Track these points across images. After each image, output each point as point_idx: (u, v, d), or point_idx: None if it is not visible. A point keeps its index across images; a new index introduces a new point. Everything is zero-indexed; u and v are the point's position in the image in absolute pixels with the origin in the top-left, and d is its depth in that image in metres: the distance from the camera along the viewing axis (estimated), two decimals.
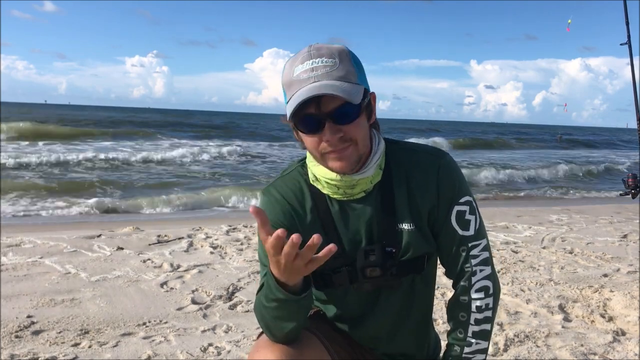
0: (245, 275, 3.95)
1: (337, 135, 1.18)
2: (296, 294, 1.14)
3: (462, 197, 1.31)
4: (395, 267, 1.30)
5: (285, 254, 1.01)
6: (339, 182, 1.27)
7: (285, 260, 1.03)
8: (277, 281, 1.12)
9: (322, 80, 1.16)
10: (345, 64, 1.19)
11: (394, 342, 1.42)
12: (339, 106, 1.16)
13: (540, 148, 31.43)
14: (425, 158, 1.32)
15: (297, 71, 1.19)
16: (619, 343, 2.85)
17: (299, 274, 1.08)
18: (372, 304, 1.37)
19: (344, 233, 1.32)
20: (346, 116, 1.18)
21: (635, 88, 3.07)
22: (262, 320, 1.25)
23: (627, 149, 31.72)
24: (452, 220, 1.30)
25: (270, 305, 1.18)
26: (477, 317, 1.30)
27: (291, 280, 1.11)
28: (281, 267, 1.06)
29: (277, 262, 1.05)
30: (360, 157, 1.24)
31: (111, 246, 4.76)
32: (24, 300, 3.29)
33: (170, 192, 9.40)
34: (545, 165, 16.93)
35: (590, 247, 5.30)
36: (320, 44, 1.21)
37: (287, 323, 1.20)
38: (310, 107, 1.17)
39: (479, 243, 1.31)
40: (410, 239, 1.29)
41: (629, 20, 3.12)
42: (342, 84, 1.16)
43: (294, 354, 1.22)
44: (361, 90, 1.19)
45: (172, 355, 2.61)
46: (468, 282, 1.30)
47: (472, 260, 1.30)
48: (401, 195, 1.30)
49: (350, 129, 1.19)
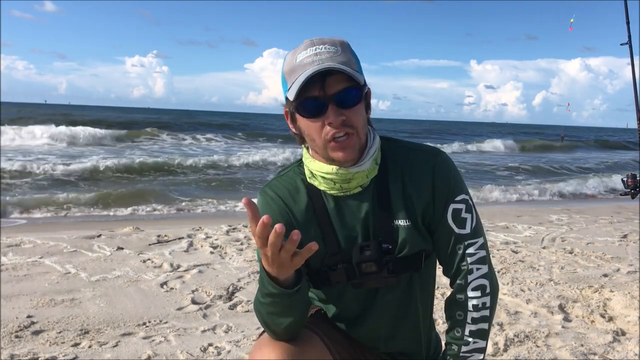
0: (245, 275, 3.95)
1: (339, 118, 1.20)
2: (288, 288, 1.15)
3: (457, 195, 1.31)
4: (392, 264, 1.31)
5: (271, 244, 1.02)
6: (335, 176, 1.28)
7: (271, 251, 1.04)
8: (268, 275, 1.14)
9: (327, 63, 1.18)
10: (347, 53, 1.23)
11: (393, 341, 1.42)
12: (343, 89, 1.19)
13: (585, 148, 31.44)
14: (420, 156, 1.33)
15: (300, 57, 1.21)
16: (619, 343, 2.85)
17: (286, 268, 1.09)
18: (370, 303, 1.37)
19: (340, 230, 1.32)
20: (350, 99, 1.20)
21: (635, 88, 3.07)
22: (260, 316, 1.26)
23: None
24: (448, 218, 1.30)
25: (265, 301, 1.20)
26: (474, 316, 1.30)
27: (281, 274, 1.12)
28: (269, 259, 1.07)
29: (265, 255, 1.07)
30: (361, 146, 1.26)
31: (111, 246, 4.76)
32: (24, 300, 3.29)
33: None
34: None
35: (590, 247, 5.31)
36: (315, 39, 1.24)
37: (282, 319, 1.20)
38: (314, 90, 1.18)
39: (476, 241, 1.31)
40: (406, 235, 1.30)
41: (629, 20, 3.12)
42: (346, 67, 1.19)
43: (295, 353, 1.23)
44: (362, 77, 1.22)
45: (172, 355, 2.61)
46: (464, 280, 1.30)
47: (468, 259, 1.30)
48: (397, 192, 1.30)
49: (352, 114, 1.21)
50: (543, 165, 17.44)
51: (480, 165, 16.86)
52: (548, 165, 17.67)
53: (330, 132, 1.21)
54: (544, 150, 27.39)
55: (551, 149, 28.62)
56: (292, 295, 1.16)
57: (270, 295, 1.17)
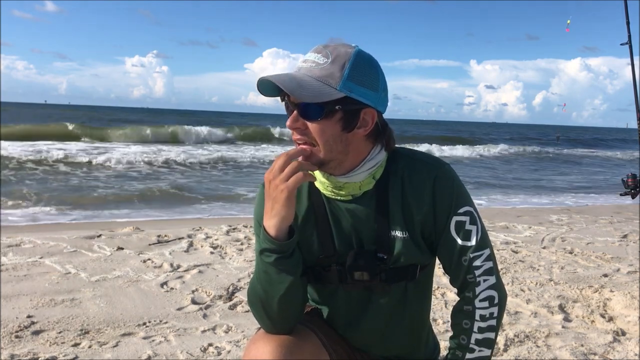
0: (245, 275, 3.95)
1: (295, 123, 1.22)
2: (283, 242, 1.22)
3: (460, 208, 1.29)
4: (385, 274, 1.31)
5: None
6: (326, 180, 1.30)
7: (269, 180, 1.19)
8: (266, 232, 1.22)
9: (300, 73, 1.21)
10: (335, 67, 1.19)
11: (387, 345, 1.42)
12: (302, 102, 1.20)
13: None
14: (422, 167, 1.31)
15: (300, 58, 1.26)
16: (619, 343, 2.85)
17: (279, 202, 1.18)
18: (363, 307, 1.37)
19: (337, 232, 1.33)
20: (307, 114, 1.20)
21: (635, 88, 3.07)
22: (256, 296, 1.28)
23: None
24: (451, 230, 1.29)
25: (261, 267, 1.25)
26: (481, 326, 1.29)
27: (279, 222, 1.20)
28: (269, 198, 1.20)
29: (269, 196, 1.20)
30: (323, 162, 1.24)
31: (111, 246, 4.75)
32: (24, 300, 3.29)
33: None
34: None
35: (590, 247, 5.31)
36: (336, 43, 1.24)
37: (278, 285, 1.24)
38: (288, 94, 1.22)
39: (482, 253, 1.29)
40: (402, 247, 1.29)
41: (629, 20, 3.12)
42: (313, 82, 1.18)
43: (290, 346, 1.24)
44: (334, 94, 1.18)
45: (172, 355, 2.61)
46: (472, 292, 1.29)
47: (475, 271, 1.28)
48: (396, 203, 1.30)
49: (313, 128, 1.21)
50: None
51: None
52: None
53: (293, 136, 1.25)
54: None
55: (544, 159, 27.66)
56: (286, 251, 1.22)
57: (267, 250, 1.22)
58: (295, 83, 1.17)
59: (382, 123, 1.29)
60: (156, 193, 9.34)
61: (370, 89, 1.22)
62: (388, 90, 1.30)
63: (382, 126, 1.29)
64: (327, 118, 1.20)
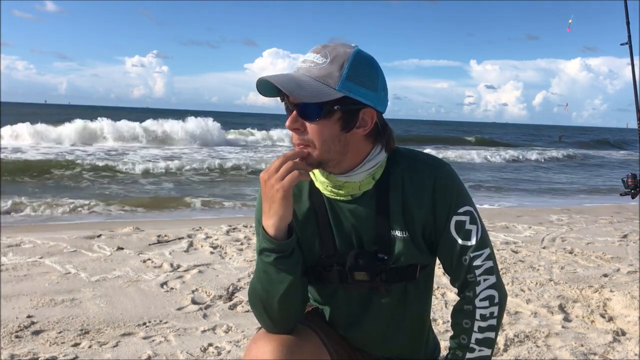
0: (245, 276, 3.95)
1: (295, 124, 1.21)
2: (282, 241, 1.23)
3: (460, 207, 1.29)
4: (385, 274, 1.31)
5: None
6: (326, 179, 1.30)
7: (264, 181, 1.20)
8: (265, 232, 1.22)
9: (299, 73, 1.20)
10: (334, 67, 1.18)
11: (388, 345, 1.42)
12: (301, 102, 1.19)
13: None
14: (422, 168, 1.31)
15: (300, 58, 1.25)
16: (619, 343, 2.85)
17: (276, 202, 1.19)
18: (363, 307, 1.37)
19: (338, 232, 1.33)
20: (306, 114, 1.20)
21: (635, 88, 3.06)
22: (256, 295, 1.28)
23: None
24: (451, 230, 1.29)
25: (261, 267, 1.25)
26: (481, 325, 1.29)
27: (277, 221, 1.20)
28: (265, 198, 1.21)
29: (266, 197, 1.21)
30: (320, 162, 1.24)
31: (111, 246, 4.75)
32: (24, 300, 3.29)
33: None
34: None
35: (590, 247, 5.30)
36: (335, 43, 1.23)
37: (278, 285, 1.24)
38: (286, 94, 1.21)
39: (482, 253, 1.29)
40: (402, 247, 1.29)
41: (629, 20, 3.12)
42: (311, 82, 1.18)
43: (291, 346, 1.24)
44: (332, 94, 1.17)
45: (172, 355, 2.61)
46: (472, 292, 1.29)
47: (475, 271, 1.29)
48: (397, 203, 1.30)
49: (312, 128, 1.21)
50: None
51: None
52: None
53: (292, 137, 1.25)
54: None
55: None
56: (285, 250, 1.22)
57: (266, 250, 1.23)
58: (294, 83, 1.17)
59: (382, 123, 1.29)
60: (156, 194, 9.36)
61: (369, 88, 1.22)
62: (388, 90, 1.29)
63: (382, 126, 1.29)
64: (325, 118, 1.19)
